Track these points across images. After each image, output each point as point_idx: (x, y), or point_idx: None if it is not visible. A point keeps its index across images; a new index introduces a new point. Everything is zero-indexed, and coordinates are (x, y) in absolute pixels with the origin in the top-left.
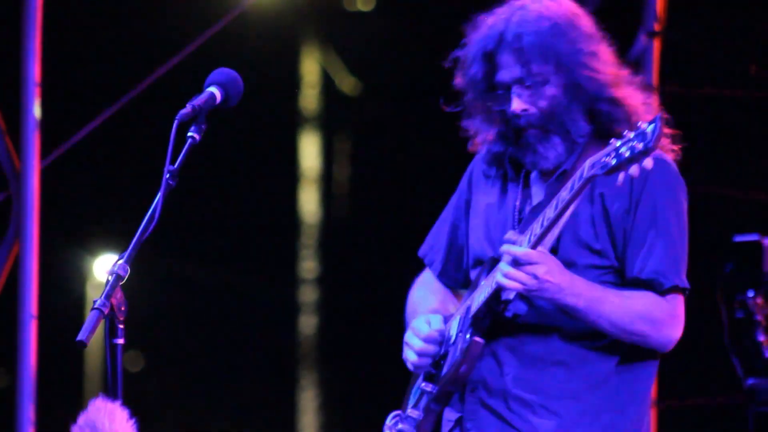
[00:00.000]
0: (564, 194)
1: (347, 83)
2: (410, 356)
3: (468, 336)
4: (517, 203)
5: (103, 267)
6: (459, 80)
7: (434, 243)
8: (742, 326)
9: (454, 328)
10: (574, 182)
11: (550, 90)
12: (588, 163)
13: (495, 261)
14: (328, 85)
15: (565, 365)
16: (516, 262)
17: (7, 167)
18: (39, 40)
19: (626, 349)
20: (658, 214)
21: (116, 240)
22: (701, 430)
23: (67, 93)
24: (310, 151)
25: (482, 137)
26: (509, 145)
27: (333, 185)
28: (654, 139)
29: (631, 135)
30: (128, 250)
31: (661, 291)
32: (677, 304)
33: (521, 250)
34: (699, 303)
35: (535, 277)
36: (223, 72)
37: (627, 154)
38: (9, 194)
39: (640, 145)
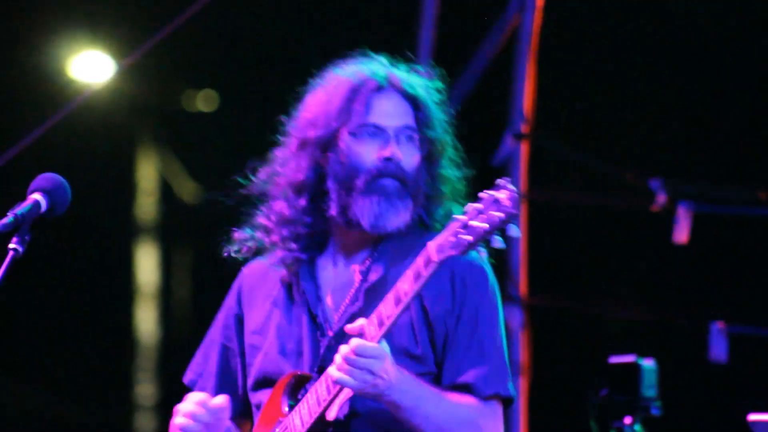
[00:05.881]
0: (406, 286)
1: (187, 189)
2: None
3: None
4: (315, 310)
5: None
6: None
7: (203, 369)
8: None
9: None
10: (418, 271)
11: (418, 153)
12: (433, 246)
13: (303, 377)
14: (166, 191)
15: None
16: (353, 356)
17: None
18: None
19: None
20: (480, 318)
21: None
22: None
23: None
24: (147, 263)
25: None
26: (314, 240)
27: (172, 301)
28: (515, 205)
29: (480, 206)
30: None
31: (484, 398)
32: (499, 412)
33: (362, 343)
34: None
35: (371, 372)
36: (47, 178)
37: (485, 227)
38: None
39: (500, 214)
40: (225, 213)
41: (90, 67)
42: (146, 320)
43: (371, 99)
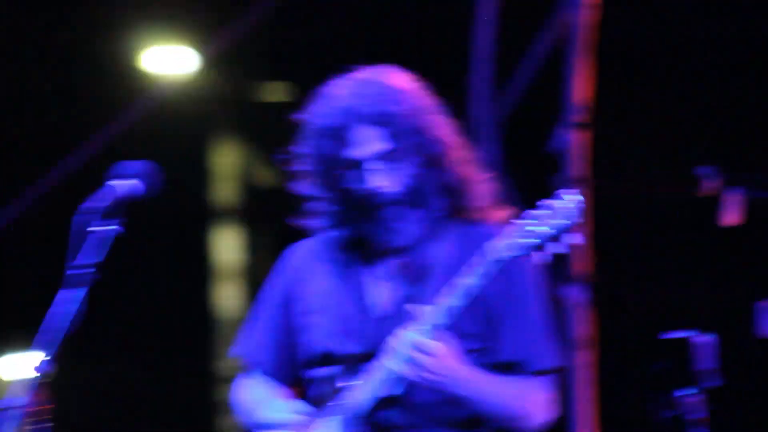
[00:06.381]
0: (471, 281)
1: (264, 175)
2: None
3: None
4: (365, 290)
5: (6, 367)
6: (301, 158)
7: (257, 342)
8: (672, 426)
9: None
10: (486, 268)
11: (410, 165)
12: (500, 245)
13: (358, 358)
14: (245, 177)
15: None
16: (421, 352)
17: None
18: None
19: None
20: (526, 296)
21: (19, 338)
22: None
23: None
24: (228, 245)
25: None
26: (352, 225)
27: (254, 281)
28: (579, 214)
29: (547, 211)
30: (52, 349)
31: (533, 372)
32: (549, 385)
33: (432, 342)
34: (628, 403)
35: (440, 368)
36: (139, 164)
37: (550, 232)
38: None
39: (565, 221)
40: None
41: (174, 59)
42: (228, 299)
43: (343, 135)
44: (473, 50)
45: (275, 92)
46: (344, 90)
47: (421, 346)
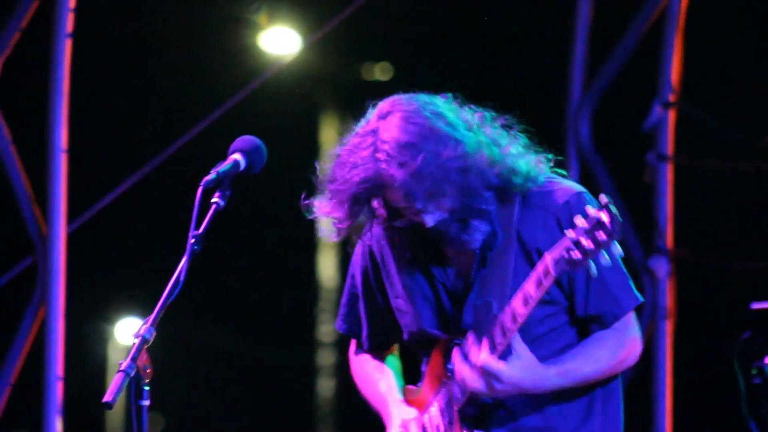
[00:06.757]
0: (531, 290)
1: None
2: None
3: None
4: (441, 278)
5: (125, 330)
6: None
7: (353, 318)
8: (760, 392)
9: (436, 419)
10: (539, 279)
11: (450, 198)
12: (549, 259)
13: (449, 341)
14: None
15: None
16: (484, 371)
17: (34, 232)
18: (66, 107)
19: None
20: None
21: (136, 304)
22: None
23: (93, 159)
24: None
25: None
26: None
27: (350, 250)
28: (616, 228)
29: (587, 225)
30: (154, 314)
31: (615, 321)
32: (632, 323)
33: (488, 362)
34: (717, 370)
35: (502, 385)
36: (247, 140)
37: (592, 246)
38: (35, 259)
39: (604, 235)
40: None
41: (280, 41)
42: (327, 267)
43: (369, 203)
44: (571, 32)
45: (375, 71)
46: (358, 156)
47: (483, 366)
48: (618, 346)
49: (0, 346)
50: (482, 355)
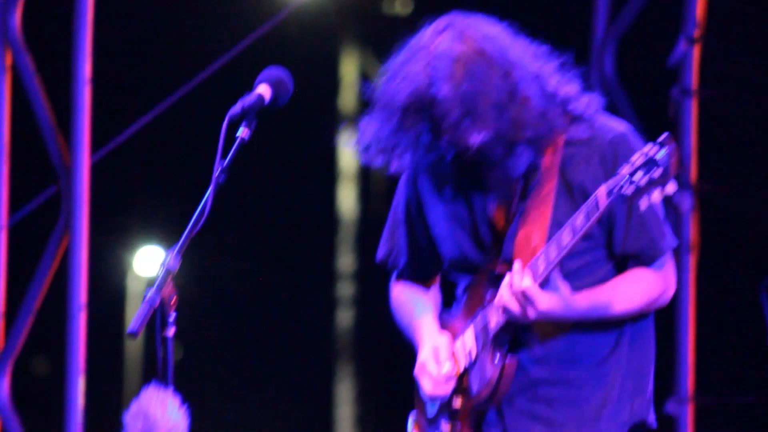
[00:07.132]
0: (579, 222)
1: None
2: (426, 386)
3: (499, 358)
4: (482, 206)
5: (144, 260)
6: (380, 122)
7: (393, 246)
8: None
9: (469, 343)
10: (589, 211)
11: (496, 121)
12: (603, 191)
13: (496, 275)
14: (366, 86)
15: (583, 356)
16: (523, 295)
17: (58, 162)
18: (90, 38)
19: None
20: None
21: (156, 235)
22: (740, 429)
23: (117, 90)
24: (348, 149)
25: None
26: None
27: (371, 183)
28: (670, 165)
29: (642, 160)
30: (179, 244)
31: (653, 260)
32: (669, 265)
33: (533, 291)
34: (742, 305)
35: (536, 312)
36: (273, 70)
37: (644, 182)
38: (59, 188)
39: (658, 171)
40: None
41: None
42: (347, 199)
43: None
44: None
45: (399, 5)
46: (412, 69)
47: (527, 295)
48: (652, 286)
49: (24, 275)
50: (525, 281)
